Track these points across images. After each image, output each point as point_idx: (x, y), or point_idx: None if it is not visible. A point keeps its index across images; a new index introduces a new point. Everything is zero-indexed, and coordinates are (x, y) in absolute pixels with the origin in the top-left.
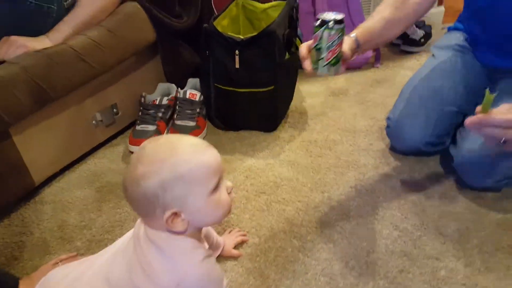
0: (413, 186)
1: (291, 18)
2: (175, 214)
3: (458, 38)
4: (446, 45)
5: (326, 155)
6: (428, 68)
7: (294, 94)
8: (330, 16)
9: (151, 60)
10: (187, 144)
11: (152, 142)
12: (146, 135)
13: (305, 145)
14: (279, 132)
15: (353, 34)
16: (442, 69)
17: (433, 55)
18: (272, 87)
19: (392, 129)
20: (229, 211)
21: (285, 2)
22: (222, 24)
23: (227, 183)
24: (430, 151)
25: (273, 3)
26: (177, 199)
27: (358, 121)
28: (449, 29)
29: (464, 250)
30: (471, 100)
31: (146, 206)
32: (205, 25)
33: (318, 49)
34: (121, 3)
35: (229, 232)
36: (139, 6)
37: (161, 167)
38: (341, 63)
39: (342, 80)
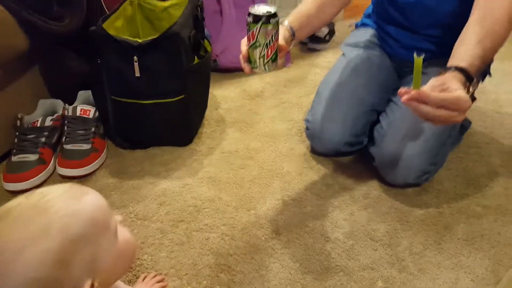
0: (338, 189)
1: (196, 18)
2: (92, 286)
3: (367, 34)
4: (355, 42)
5: (248, 166)
6: (340, 68)
7: (208, 100)
8: (262, 9)
9: (27, 72)
10: (58, 196)
11: (4, 217)
12: (25, 167)
13: (225, 157)
14: (195, 145)
15: (285, 22)
16: (354, 68)
17: (343, 54)
18: (182, 96)
19: (311, 132)
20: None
21: (187, 0)
22: (116, 25)
23: (116, 217)
24: (348, 151)
25: (174, 1)
26: (87, 266)
27: (277, 124)
28: (357, 25)
29: (396, 254)
30: (384, 97)
31: None
32: (92, 27)
33: (256, 47)
34: None
35: (143, 279)
36: (1, 7)
37: (47, 241)
38: (278, 56)
39: (256, 82)
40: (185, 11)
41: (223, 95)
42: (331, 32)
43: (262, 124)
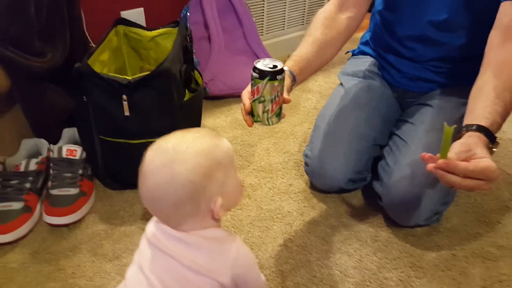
0: (343, 232)
1: (186, 49)
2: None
3: (366, 63)
4: (354, 71)
5: (246, 206)
6: (338, 99)
7: None
8: (268, 64)
9: (8, 111)
10: (207, 133)
11: (168, 141)
12: (9, 217)
13: None
14: None
15: (285, 67)
16: (353, 101)
17: (341, 83)
18: None
19: (311, 169)
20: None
21: (175, 29)
22: (101, 59)
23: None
24: (351, 188)
25: (161, 30)
26: (219, 185)
27: (272, 157)
28: (354, 53)
29: None
30: (386, 130)
31: (191, 205)
32: (77, 64)
33: (260, 102)
34: None
35: None
36: None
37: (202, 158)
38: (282, 109)
39: None
40: (175, 44)
41: (214, 125)
42: None
43: (257, 157)
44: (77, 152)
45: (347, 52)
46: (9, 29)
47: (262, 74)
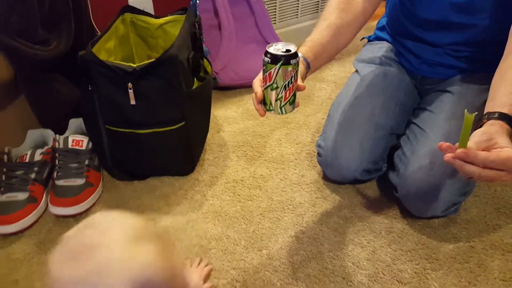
0: (357, 223)
1: (194, 36)
2: None
3: (382, 49)
4: (370, 58)
5: (256, 197)
6: (354, 87)
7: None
8: (281, 48)
9: (14, 101)
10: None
11: (83, 243)
12: (14, 207)
13: (230, 187)
14: (198, 174)
15: (299, 54)
16: (369, 88)
17: (356, 70)
18: (182, 123)
19: (324, 159)
20: None
21: (183, 16)
22: (107, 47)
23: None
24: (366, 179)
25: (169, 17)
26: None
27: (284, 148)
28: (369, 39)
29: None
30: (403, 119)
31: None
32: (81, 52)
33: (273, 89)
34: None
35: (192, 265)
36: None
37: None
38: (296, 96)
39: None
40: (181, 30)
41: (225, 116)
42: None
43: (268, 148)
44: (83, 142)
45: (363, 38)
46: (11, 17)
47: (275, 58)
